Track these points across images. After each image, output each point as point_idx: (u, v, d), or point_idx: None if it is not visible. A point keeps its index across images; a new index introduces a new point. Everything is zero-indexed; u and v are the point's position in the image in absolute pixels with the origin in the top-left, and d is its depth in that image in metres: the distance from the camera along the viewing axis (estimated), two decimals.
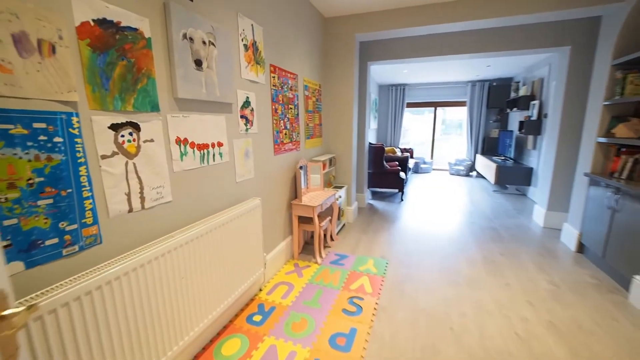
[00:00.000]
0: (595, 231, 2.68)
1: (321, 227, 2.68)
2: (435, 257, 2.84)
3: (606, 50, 2.77)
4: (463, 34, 3.54)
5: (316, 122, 3.27)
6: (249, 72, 2.01)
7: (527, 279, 2.46)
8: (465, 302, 2.14)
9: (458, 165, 7.38)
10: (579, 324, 1.92)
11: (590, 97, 2.97)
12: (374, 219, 3.91)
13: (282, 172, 2.57)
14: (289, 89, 2.60)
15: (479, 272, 2.57)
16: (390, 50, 3.85)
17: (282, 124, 2.51)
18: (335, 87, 3.53)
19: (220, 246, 1.65)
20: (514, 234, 3.44)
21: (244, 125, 1.98)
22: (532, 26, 3.32)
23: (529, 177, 5.08)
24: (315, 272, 2.48)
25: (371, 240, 3.21)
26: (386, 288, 2.29)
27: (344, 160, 3.64)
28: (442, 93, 7.61)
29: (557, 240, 3.25)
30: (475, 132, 7.27)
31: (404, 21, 3.15)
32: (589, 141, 2.92)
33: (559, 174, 3.52)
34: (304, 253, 2.87)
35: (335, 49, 3.47)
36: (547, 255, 2.89)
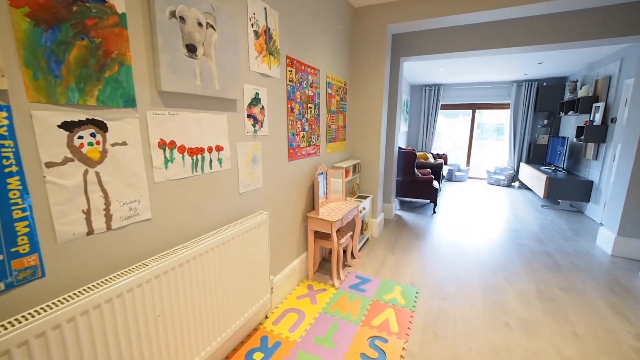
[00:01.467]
0: None
1: (340, 245, 2.32)
2: (477, 287, 2.37)
3: None
4: (513, 22, 3.01)
5: (339, 124, 2.92)
6: (260, 63, 1.72)
7: (601, 328, 1.92)
8: (520, 354, 1.67)
9: (498, 174, 6.64)
10: None
11: None
12: (402, 234, 3.47)
13: (298, 181, 2.25)
14: (309, 85, 2.28)
15: (534, 311, 2.07)
16: (426, 44, 3.40)
17: (300, 126, 2.19)
18: (363, 85, 3.16)
19: (215, 271, 1.36)
20: (575, 263, 2.84)
21: (251, 127, 1.69)
22: (601, 10, 2.72)
23: (588, 192, 4.34)
24: (332, 298, 2.13)
25: (398, 261, 2.79)
26: (416, 327, 1.87)
27: (370, 166, 3.25)
28: (482, 94, 6.91)
29: (634, 275, 2.62)
30: (519, 138, 6.50)
31: (444, 8, 2.71)
32: None
33: (635, 190, 2.87)
34: (321, 272, 2.53)
35: (365, 43, 3.09)
36: (624, 295, 2.30)
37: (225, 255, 1.42)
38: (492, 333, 1.85)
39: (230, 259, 1.45)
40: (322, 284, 2.32)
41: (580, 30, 2.83)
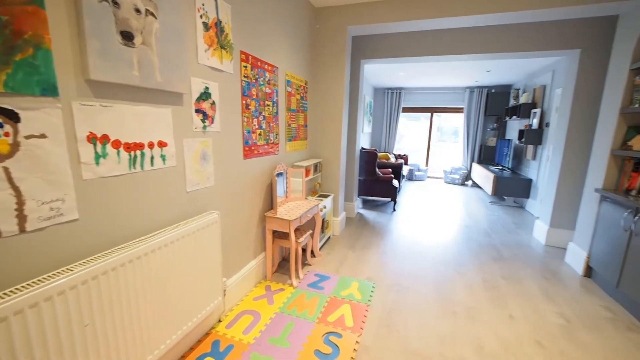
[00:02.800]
0: (607, 255, 2.36)
1: (299, 244, 2.32)
2: (430, 279, 2.50)
3: (623, 53, 2.48)
4: (465, 31, 3.24)
5: (300, 123, 2.92)
6: (210, 57, 1.65)
7: (533, 310, 2.13)
8: (464, 340, 1.79)
9: (453, 173, 7.09)
10: None
11: (603, 105, 2.68)
12: (363, 232, 3.55)
13: (255, 179, 2.20)
14: (266, 82, 2.24)
15: (479, 300, 2.23)
16: (385, 48, 3.53)
17: (256, 123, 2.15)
18: (324, 85, 3.19)
19: (157, 276, 1.27)
20: (516, 253, 3.12)
21: (200, 122, 1.62)
22: (539, 26, 3.04)
23: (528, 189, 4.80)
24: (289, 297, 2.11)
25: (358, 258, 2.85)
26: (371, 321, 1.93)
27: (332, 166, 3.29)
28: (439, 99, 7.34)
29: (561, 262, 2.94)
30: (472, 140, 7.00)
31: (402, 13, 2.83)
32: (602, 153, 2.62)
33: (564, 187, 3.22)
34: (280, 272, 2.50)
35: (325, 43, 3.13)
36: (553, 280, 2.57)
37: (169, 258, 1.34)
38: (441, 322, 1.96)
39: (175, 262, 1.38)
40: (281, 284, 2.29)
41: (520, 43, 3.12)
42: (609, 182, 2.55)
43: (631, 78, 2.41)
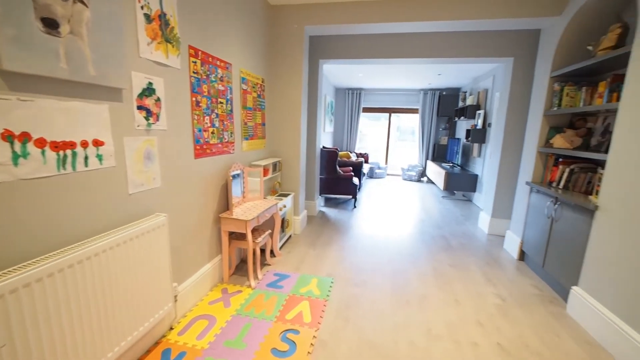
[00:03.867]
0: (535, 239, 2.68)
1: (257, 244, 2.29)
2: (386, 272, 2.62)
3: (545, 62, 2.82)
4: (416, 36, 3.43)
5: (258, 121, 2.88)
6: (154, 51, 1.56)
7: (476, 293, 2.34)
8: (415, 326, 1.91)
9: (410, 171, 7.49)
10: (526, 342, 1.80)
11: (531, 108, 3.03)
12: (324, 230, 3.61)
13: (208, 179, 2.13)
14: (219, 79, 2.18)
15: (429, 287, 2.39)
16: (343, 49, 3.61)
17: (208, 121, 2.08)
18: (282, 84, 3.18)
19: (93, 285, 1.18)
20: (463, 242, 3.39)
21: (143, 120, 1.52)
22: (480, 35, 3.33)
23: (474, 184, 5.24)
24: (247, 299, 2.08)
25: (319, 255, 2.89)
26: (328, 315, 1.97)
27: (291, 164, 3.30)
28: (397, 100, 7.70)
29: (501, 248, 3.26)
30: (426, 139, 7.46)
31: (357, 16, 2.92)
32: (530, 151, 2.96)
33: (502, 181, 3.58)
34: (238, 274, 2.45)
35: (282, 41, 3.12)
36: (493, 265, 2.84)
37: (109, 264, 1.25)
38: (395, 311, 2.07)
39: (116, 269, 1.29)
40: (239, 286, 2.25)
41: (464, 49, 3.39)
42: (536, 175, 2.89)
43: (551, 84, 2.75)
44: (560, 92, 2.65)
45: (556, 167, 2.66)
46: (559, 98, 2.66)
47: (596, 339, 1.85)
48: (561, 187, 2.52)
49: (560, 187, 2.52)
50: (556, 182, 2.61)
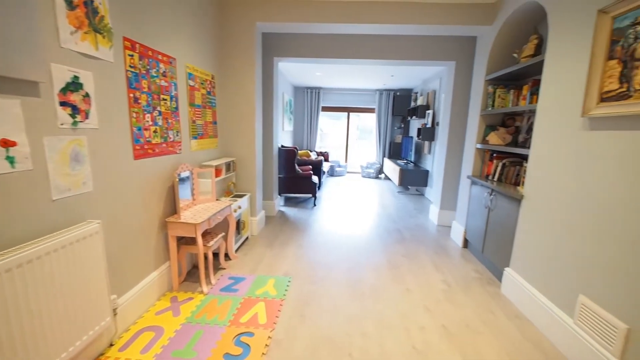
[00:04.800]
0: (476, 228, 2.95)
1: (209, 248, 2.20)
2: (343, 267, 2.69)
3: (481, 66, 3.10)
4: (369, 39, 3.55)
5: (208, 120, 2.76)
6: (80, 41, 1.41)
7: (425, 281, 2.50)
8: (368, 317, 1.99)
9: (369, 168, 7.76)
10: (467, 323, 1.97)
11: (470, 108, 3.31)
12: (283, 229, 3.59)
13: (152, 182, 1.99)
14: (161, 74, 2.04)
15: (383, 279, 2.50)
16: (298, 47, 3.61)
17: (150, 119, 1.94)
18: (234, 81, 3.08)
19: (6, 303, 1.03)
20: (415, 234, 3.60)
21: (68, 117, 1.37)
22: (427, 39, 3.55)
23: (425, 179, 5.59)
24: (199, 305, 1.99)
25: (277, 255, 2.87)
26: (284, 314, 1.97)
27: (247, 164, 3.22)
28: (355, 99, 7.91)
29: (448, 237, 3.53)
30: (383, 138, 7.77)
31: (309, 15, 2.94)
32: (470, 147, 3.23)
33: (448, 176, 3.87)
34: (190, 280, 2.33)
35: (233, 37, 3.02)
36: (441, 253, 3.06)
37: (27, 279, 1.10)
38: (351, 304, 2.13)
39: (38, 284, 1.14)
40: (190, 293, 2.14)
41: (413, 52, 3.58)
42: (475, 169, 3.17)
43: (486, 87, 3.03)
44: (493, 94, 2.94)
45: (491, 162, 2.94)
46: (493, 99, 2.94)
47: (523, 312, 2.09)
48: (496, 180, 2.79)
49: (495, 180, 2.80)
50: (492, 175, 2.89)
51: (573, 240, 1.72)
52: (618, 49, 1.50)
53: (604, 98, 1.57)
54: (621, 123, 1.48)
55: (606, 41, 1.57)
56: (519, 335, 1.86)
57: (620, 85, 1.48)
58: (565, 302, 1.76)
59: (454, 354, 1.68)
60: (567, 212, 1.78)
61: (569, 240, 1.75)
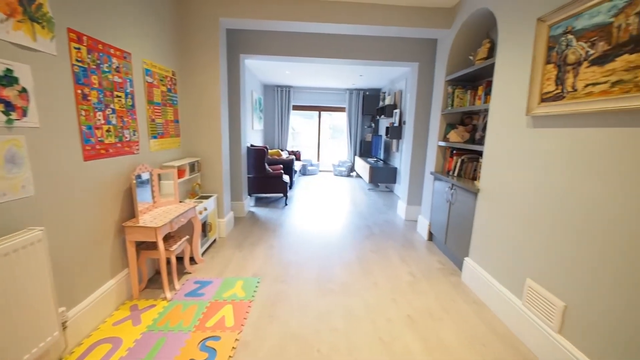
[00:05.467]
0: (439, 221, 3.10)
1: (172, 252, 2.11)
2: (313, 265, 2.70)
3: (441, 67, 3.26)
4: (336, 38, 3.58)
5: (169, 118, 2.64)
6: (12, 30, 1.28)
7: (392, 274, 2.59)
8: (337, 313, 2.02)
9: (340, 166, 7.86)
10: (430, 311, 2.07)
11: (433, 107, 3.47)
12: (253, 230, 3.53)
13: (106, 184, 1.86)
14: (114, 70, 1.92)
15: (353, 275, 2.55)
16: (265, 45, 3.55)
17: (102, 117, 1.81)
18: (197, 78, 2.97)
19: None
20: (383, 229, 3.71)
21: (1, 114, 1.24)
22: (392, 41, 3.65)
23: (394, 176, 5.78)
24: (161, 312, 1.90)
25: (246, 257, 2.81)
26: (253, 315, 1.94)
27: (212, 164, 3.12)
28: (325, 98, 7.96)
29: (414, 231, 3.68)
30: (354, 136, 7.91)
31: (273, 13, 2.91)
32: (433, 145, 3.39)
33: (414, 172, 4.03)
34: (153, 287, 2.22)
35: (195, 33, 2.91)
36: (408, 247, 3.19)
37: None
38: (320, 301, 2.15)
39: None
40: (152, 300, 2.03)
41: (378, 53, 3.66)
42: (438, 166, 3.33)
43: (446, 87, 3.19)
44: (452, 94, 3.10)
45: (452, 158, 3.11)
46: (452, 99, 3.11)
47: (481, 298, 2.24)
48: (456, 175, 2.96)
49: (455, 175, 2.96)
50: (452, 170, 3.06)
51: (521, 229, 1.87)
52: (554, 55, 1.65)
53: (543, 98, 1.72)
54: (558, 121, 1.63)
55: (544, 47, 1.72)
56: (477, 319, 1.99)
57: (557, 87, 1.63)
58: (515, 286, 1.91)
59: (416, 342, 1.76)
60: (515, 204, 1.93)
61: (517, 229, 1.91)
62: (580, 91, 1.48)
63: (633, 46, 1.23)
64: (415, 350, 1.69)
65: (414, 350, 1.69)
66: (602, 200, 1.36)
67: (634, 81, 1.23)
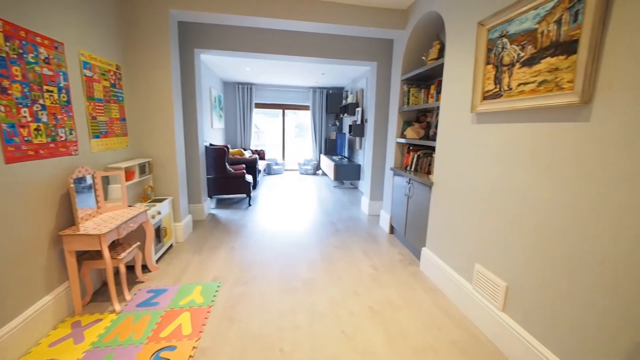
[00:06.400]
0: (399, 214, 3.24)
1: (121, 260, 1.94)
2: (277, 265, 2.66)
3: (398, 67, 3.39)
4: (296, 35, 3.54)
5: (114, 116, 2.42)
6: None
7: (355, 268, 2.64)
8: (300, 310, 2.01)
9: (306, 165, 7.86)
10: (390, 301, 2.15)
11: (391, 106, 3.60)
12: (214, 233, 3.39)
13: (37, 189, 1.66)
14: (42, 61, 1.71)
15: (316, 272, 2.56)
16: (221, 40, 3.41)
17: (28, 114, 1.61)
18: (146, 73, 2.76)
19: None
20: (348, 225, 3.78)
21: None
22: (351, 40, 3.71)
23: (358, 173, 5.92)
24: (109, 326, 1.74)
25: (205, 261, 2.69)
26: (212, 321, 1.86)
27: (166, 165, 2.93)
28: (289, 96, 7.89)
29: (377, 226, 3.80)
30: (318, 135, 7.95)
31: (226, 6, 2.80)
32: (392, 141, 3.52)
33: (375, 169, 4.15)
34: (99, 300, 2.03)
35: (143, 24, 2.70)
36: (370, 241, 3.28)
37: None
38: (283, 300, 2.13)
39: None
40: (97, 315, 1.86)
41: (338, 51, 3.70)
42: (397, 161, 3.47)
43: (402, 86, 3.33)
44: (408, 93, 3.24)
45: (409, 154, 3.26)
46: (408, 97, 3.25)
47: (437, 285, 2.38)
48: (413, 170, 3.10)
49: (412, 170, 3.11)
50: (409, 166, 3.20)
51: (468, 218, 2.02)
52: (492, 56, 1.80)
53: (485, 97, 1.86)
54: (496, 117, 1.77)
55: (484, 49, 1.86)
56: (433, 305, 2.11)
57: (495, 86, 1.77)
58: (466, 271, 2.06)
59: (377, 332, 1.81)
60: (463, 195, 2.07)
61: (465, 218, 2.05)
62: (514, 90, 1.62)
63: (553, 50, 1.38)
64: (376, 340, 1.74)
65: (375, 340, 1.74)
66: (531, 189, 1.51)
67: (554, 81, 1.37)
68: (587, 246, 1.24)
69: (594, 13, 1.19)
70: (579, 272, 1.27)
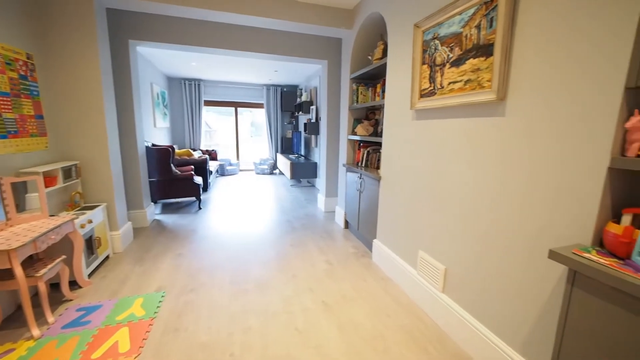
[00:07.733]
0: (352, 209, 3.33)
1: (40, 278, 1.69)
2: (228, 268, 2.56)
3: (346, 66, 3.47)
4: (245, 30, 3.40)
5: (27, 113, 2.10)
6: None
7: (310, 264, 2.65)
8: (252, 312, 1.96)
9: (262, 164, 7.70)
10: (343, 294, 2.19)
11: (341, 104, 3.68)
12: (159, 240, 3.14)
13: None
14: None
15: (270, 272, 2.51)
16: (158, 31, 3.15)
17: None
18: (68, 65, 2.44)
19: None
20: (304, 223, 3.79)
21: None
22: (302, 37, 3.69)
23: (315, 170, 5.96)
24: (24, 356, 1.51)
25: (147, 271, 2.48)
26: (155, 334, 1.72)
27: (98, 168, 2.62)
28: (242, 94, 7.63)
29: (333, 222, 3.86)
30: (274, 133, 7.83)
31: None
32: (343, 138, 3.60)
33: (330, 166, 4.22)
34: (14, 327, 1.74)
35: (59, 7, 2.37)
36: (326, 237, 3.32)
37: None
38: (234, 303, 2.05)
39: None
40: (9, 344, 1.59)
41: (290, 48, 3.65)
42: (349, 158, 3.56)
43: (351, 84, 3.41)
44: (357, 91, 3.33)
45: (359, 150, 3.36)
46: (357, 96, 3.34)
47: (388, 274, 2.49)
48: (363, 166, 3.21)
49: (363, 166, 3.21)
50: (360, 162, 3.30)
51: (411, 208, 2.15)
52: (427, 57, 1.92)
53: (422, 94, 1.99)
54: (432, 114, 1.91)
55: (420, 50, 1.98)
56: (384, 293, 2.21)
57: (430, 85, 1.90)
58: (411, 258, 2.19)
59: (331, 325, 1.84)
60: (406, 187, 2.20)
61: (408, 209, 2.18)
62: (445, 88, 1.76)
63: (475, 52, 1.52)
64: (330, 333, 1.77)
65: (328, 333, 1.76)
66: (461, 177, 1.65)
67: (477, 80, 1.52)
68: (508, 223, 1.40)
69: (504, 21, 1.34)
70: (501, 247, 1.43)
